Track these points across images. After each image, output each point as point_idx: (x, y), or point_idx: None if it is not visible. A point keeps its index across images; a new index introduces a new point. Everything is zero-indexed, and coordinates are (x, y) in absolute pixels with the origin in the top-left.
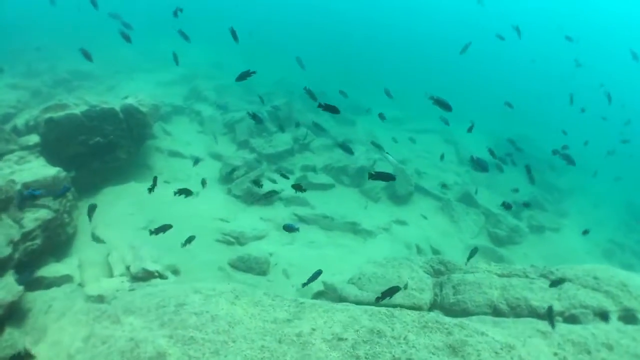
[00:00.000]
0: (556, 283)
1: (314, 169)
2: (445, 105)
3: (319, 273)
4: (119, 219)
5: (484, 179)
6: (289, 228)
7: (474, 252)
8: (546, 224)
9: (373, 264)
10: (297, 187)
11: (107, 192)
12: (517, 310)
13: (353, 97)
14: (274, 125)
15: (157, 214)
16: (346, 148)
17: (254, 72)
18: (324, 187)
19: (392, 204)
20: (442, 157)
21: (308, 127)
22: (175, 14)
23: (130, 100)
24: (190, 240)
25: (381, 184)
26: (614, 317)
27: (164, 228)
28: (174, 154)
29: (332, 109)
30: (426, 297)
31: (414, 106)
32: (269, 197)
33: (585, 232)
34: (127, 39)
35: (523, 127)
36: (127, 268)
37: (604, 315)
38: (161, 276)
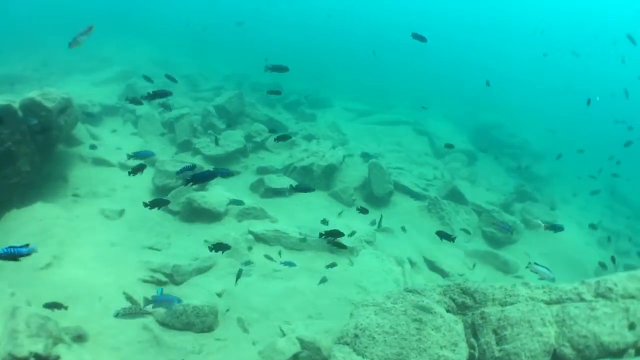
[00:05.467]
0: None
1: (272, 171)
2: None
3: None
4: None
5: (465, 171)
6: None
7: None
8: (540, 217)
9: (373, 309)
10: None
11: (9, 217)
12: (586, 353)
13: (312, 90)
14: (222, 121)
15: (65, 246)
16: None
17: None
18: (285, 192)
19: (369, 206)
20: None
21: (262, 122)
22: None
23: (32, 94)
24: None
25: (354, 183)
26: None
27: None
28: (100, 162)
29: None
30: (462, 356)
31: (379, 98)
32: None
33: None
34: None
35: (492, 114)
36: None
37: None
38: None
